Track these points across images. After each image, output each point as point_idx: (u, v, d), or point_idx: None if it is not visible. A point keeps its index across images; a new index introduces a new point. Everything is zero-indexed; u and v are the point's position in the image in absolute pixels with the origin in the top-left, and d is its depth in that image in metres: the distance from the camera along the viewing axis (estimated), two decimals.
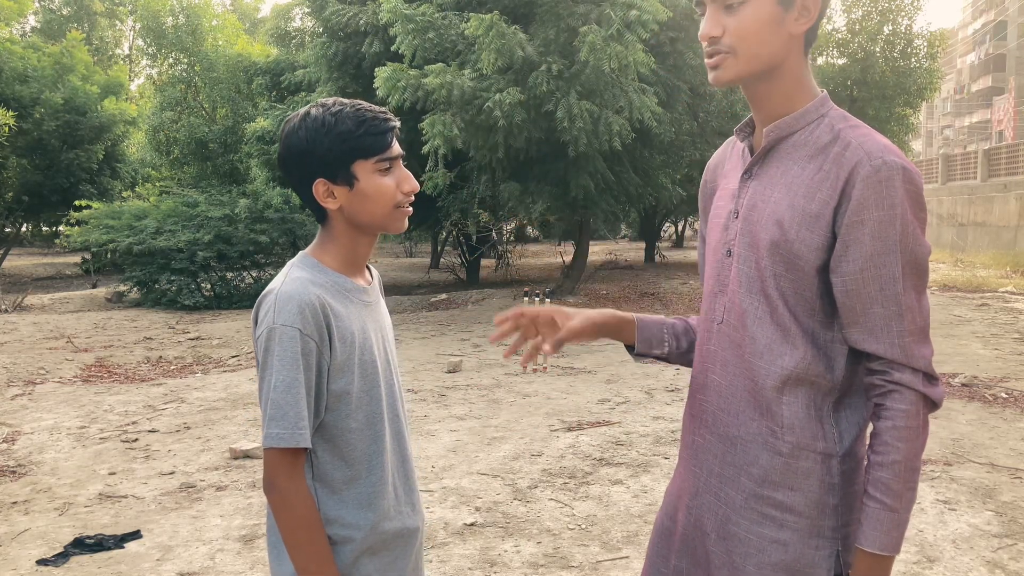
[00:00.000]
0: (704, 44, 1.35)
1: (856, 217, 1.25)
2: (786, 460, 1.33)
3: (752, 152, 1.42)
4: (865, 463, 1.32)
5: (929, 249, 1.30)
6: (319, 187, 1.42)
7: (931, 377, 1.29)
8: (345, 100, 1.44)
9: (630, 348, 1.59)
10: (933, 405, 1.29)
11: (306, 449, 1.37)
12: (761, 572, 1.35)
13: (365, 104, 1.44)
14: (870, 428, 1.34)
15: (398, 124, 1.45)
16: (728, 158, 1.53)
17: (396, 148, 1.44)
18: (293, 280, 1.40)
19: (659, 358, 1.60)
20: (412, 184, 1.47)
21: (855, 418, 1.35)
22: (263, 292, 1.42)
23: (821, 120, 1.34)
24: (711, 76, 1.37)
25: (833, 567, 1.33)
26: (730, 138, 1.54)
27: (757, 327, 1.35)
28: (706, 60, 1.36)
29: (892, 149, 1.27)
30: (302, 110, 1.44)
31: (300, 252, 1.51)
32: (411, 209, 1.49)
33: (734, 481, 1.39)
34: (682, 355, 1.60)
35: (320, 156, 1.40)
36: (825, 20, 14.57)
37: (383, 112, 1.44)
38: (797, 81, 1.35)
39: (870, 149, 1.26)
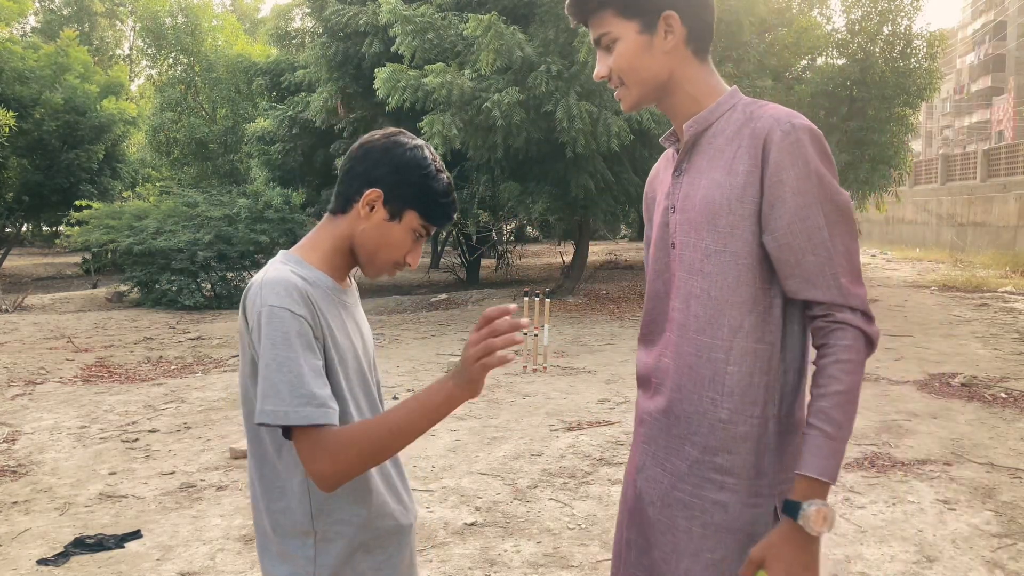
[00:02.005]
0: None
1: (776, 178, 1.38)
2: (725, 426, 1.43)
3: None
4: (801, 424, 1.44)
5: (847, 197, 1.41)
6: (372, 193, 1.45)
7: (868, 316, 1.39)
8: (445, 168, 1.53)
9: None
10: (871, 342, 1.39)
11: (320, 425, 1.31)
12: (705, 532, 1.44)
13: (452, 183, 1.53)
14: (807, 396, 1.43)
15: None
16: (662, 168, 1.65)
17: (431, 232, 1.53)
18: (276, 270, 1.41)
19: None
20: (416, 260, 1.54)
21: (794, 382, 1.45)
22: (247, 291, 1.42)
23: (734, 109, 1.47)
24: (621, 105, 1.54)
25: (771, 523, 1.42)
26: (666, 151, 1.66)
27: (699, 305, 1.45)
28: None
29: (797, 114, 1.41)
30: (419, 141, 1.50)
31: (282, 251, 1.52)
32: (394, 275, 1.58)
33: (678, 451, 1.48)
34: None
35: (402, 181, 1.45)
36: (825, 20, 14.58)
37: (456, 200, 1.54)
38: (697, 85, 1.49)
39: (778, 116, 1.40)
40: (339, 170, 1.53)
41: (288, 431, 1.33)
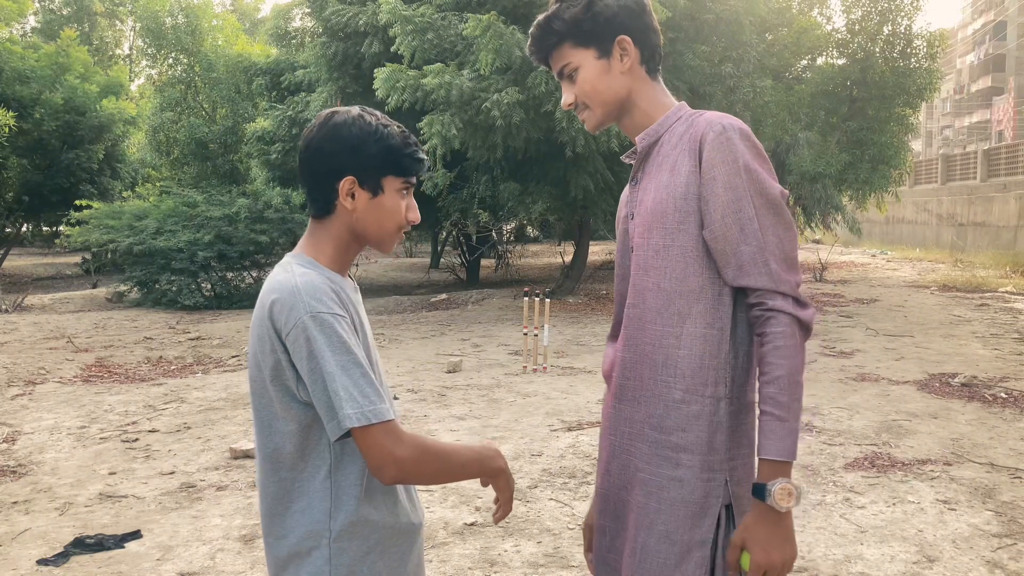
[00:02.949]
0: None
1: (709, 175, 1.49)
2: (679, 405, 1.53)
3: None
4: (752, 405, 1.55)
5: (779, 189, 1.51)
6: (346, 184, 1.45)
7: (800, 301, 1.49)
8: (390, 119, 1.52)
9: None
10: (805, 327, 1.49)
11: (389, 421, 1.35)
12: (662, 507, 1.53)
13: (406, 130, 1.53)
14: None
15: (427, 159, 1.55)
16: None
17: (416, 179, 1.54)
18: (303, 274, 1.40)
19: None
20: (416, 215, 1.55)
21: (744, 365, 1.55)
22: (271, 293, 1.39)
23: (679, 120, 1.60)
24: (586, 127, 1.68)
25: (723, 496, 1.52)
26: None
27: (652, 297, 1.56)
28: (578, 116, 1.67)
29: (729, 116, 1.53)
30: (353, 110, 1.48)
31: (290, 253, 1.51)
32: (404, 235, 1.60)
33: (640, 435, 1.58)
34: None
35: (363, 157, 1.45)
36: (825, 20, 14.58)
37: (418, 142, 1.53)
38: (650, 102, 1.62)
39: (711, 119, 1.52)
40: (300, 176, 1.52)
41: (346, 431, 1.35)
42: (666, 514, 1.53)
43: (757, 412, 1.52)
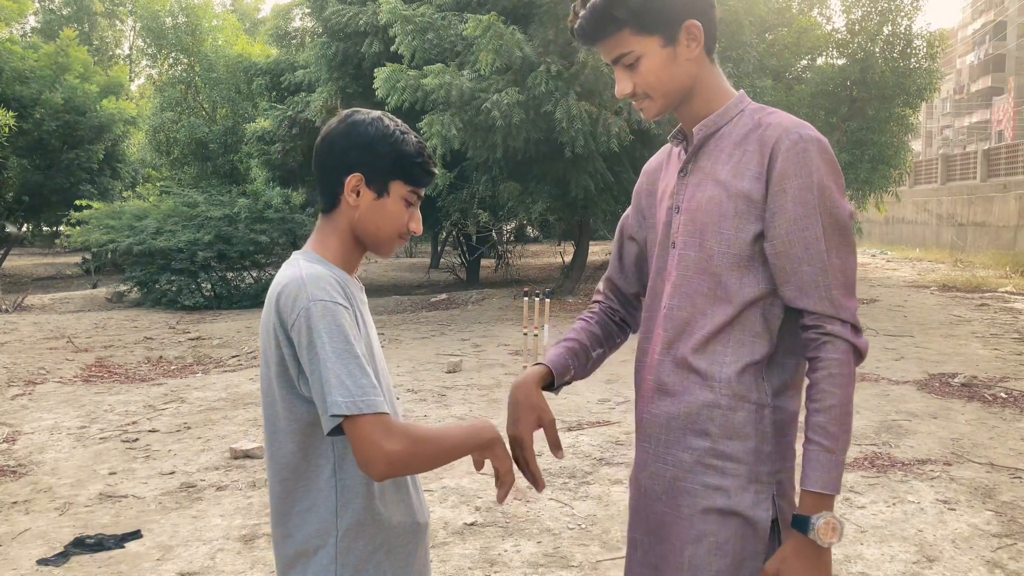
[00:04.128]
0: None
1: (779, 187, 1.41)
2: (724, 412, 1.45)
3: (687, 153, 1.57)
4: (795, 417, 1.49)
5: (849, 210, 1.43)
6: (352, 180, 1.45)
7: (857, 328, 1.42)
8: (411, 130, 1.52)
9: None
10: (860, 355, 1.43)
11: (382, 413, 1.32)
12: (706, 518, 1.46)
13: (424, 142, 1.53)
14: (805, 384, 1.47)
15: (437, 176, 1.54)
16: (666, 163, 1.66)
17: (423, 192, 1.54)
18: (309, 266, 1.41)
19: (570, 383, 1.72)
20: (418, 227, 1.55)
21: (784, 376, 1.48)
22: (278, 286, 1.40)
23: (742, 114, 1.50)
24: (642, 115, 1.56)
25: (771, 510, 1.45)
26: (666, 144, 1.68)
27: (703, 302, 1.47)
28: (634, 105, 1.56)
29: (806, 124, 1.43)
30: (375, 112, 1.49)
31: (298, 250, 1.52)
32: (403, 245, 1.56)
33: (680, 443, 1.50)
34: (592, 364, 1.75)
35: (374, 157, 1.45)
36: (825, 20, 14.57)
37: (432, 156, 1.53)
38: (711, 88, 1.51)
39: (787, 125, 1.43)
40: (314, 169, 1.52)
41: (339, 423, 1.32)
42: (714, 524, 1.45)
43: (803, 432, 1.44)
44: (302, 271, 1.39)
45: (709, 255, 1.47)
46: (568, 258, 16.58)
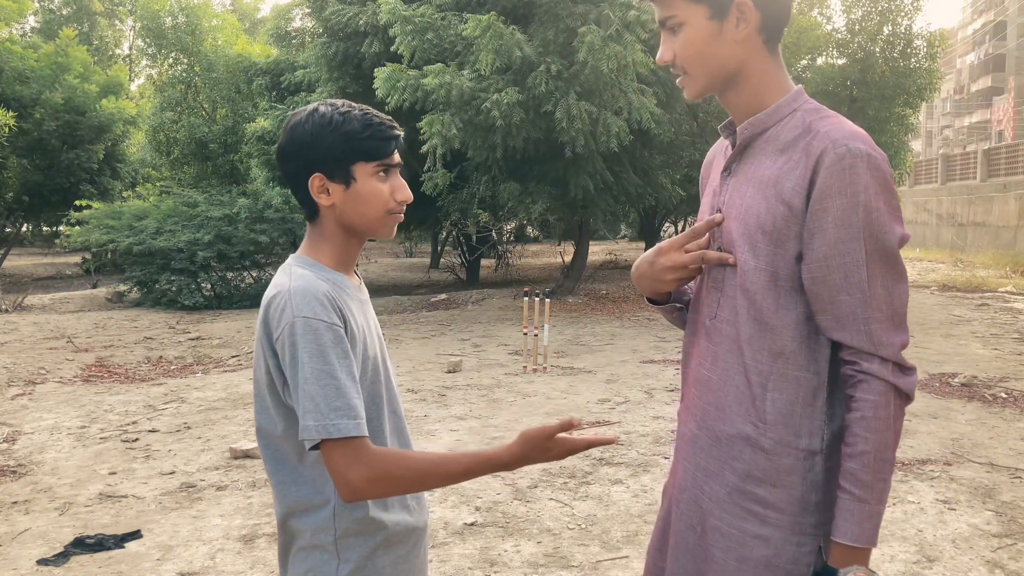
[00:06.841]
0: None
1: (820, 205, 1.26)
2: (768, 456, 1.33)
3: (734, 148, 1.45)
4: None
5: (899, 235, 1.28)
6: (315, 181, 1.42)
7: (901, 367, 1.28)
8: (354, 104, 1.46)
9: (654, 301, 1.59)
10: (905, 396, 1.28)
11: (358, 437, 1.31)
12: (743, 567, 1.35)
13: (373, 110, 1.45)
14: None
15: (402, 134, 1.47)
16: (718, 155, 1.55)
17: (396, 157, 1.46)
18: (300, 277, 1.40)
19: (678, 307, 1.60)
20: (406, 194, 1.48)
21: (842, 418, 1.33)
22: (269, 296, 1.40)
23: (794, 114, 1.36)
24: (684, 94, 1.44)
25: (814, 563, 1.33)
26: (722, 138, 1.57)
27: (745, 323, 1.35)
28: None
29: (859, 136, 1.28)
30: (310, 106, 1.45)
31: (293, 254, 1.51)
32: (402, 216, 1.51)
33: (718, 475, 1.39)
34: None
35: (322, 151, 1.41)
36: (825, 20, 14.56)
37: (389, 120, 1.45)
38: (763, 80, 1.37)
39: (836, 137, 1.27)
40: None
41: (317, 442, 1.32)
42: (750, 575, 1.35)
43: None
44: (292, 282, 1.38)
45: (743, 269, 1.34)
46: (568, 258, 16.57)
